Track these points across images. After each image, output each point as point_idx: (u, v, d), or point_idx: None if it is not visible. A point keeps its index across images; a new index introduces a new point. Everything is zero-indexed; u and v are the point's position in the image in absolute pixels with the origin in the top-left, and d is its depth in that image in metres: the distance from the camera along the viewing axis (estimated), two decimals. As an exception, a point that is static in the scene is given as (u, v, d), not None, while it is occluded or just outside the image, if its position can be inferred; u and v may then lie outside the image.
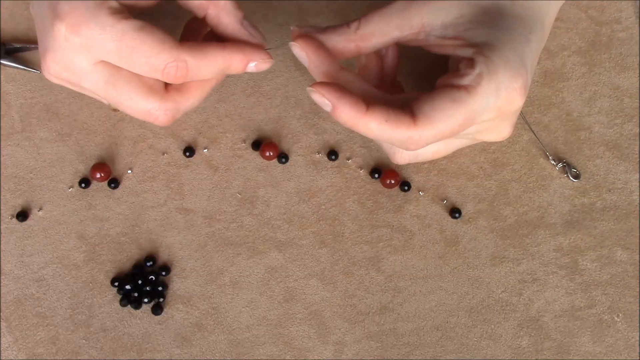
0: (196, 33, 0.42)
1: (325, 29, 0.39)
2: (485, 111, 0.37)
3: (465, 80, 0.36)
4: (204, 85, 0.40)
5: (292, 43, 0.38)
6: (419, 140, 0.36)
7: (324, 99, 0.36)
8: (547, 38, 0.42)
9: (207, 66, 0.38)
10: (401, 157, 0.41)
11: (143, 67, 0.37)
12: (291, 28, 0.39)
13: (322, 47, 0.38)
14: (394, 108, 0.36)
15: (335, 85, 0.36)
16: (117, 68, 0.37)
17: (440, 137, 0.37)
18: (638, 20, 0.50)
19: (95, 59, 0.37)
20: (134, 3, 0.38)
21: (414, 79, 0.49)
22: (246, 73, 0.47)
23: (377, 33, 0.39)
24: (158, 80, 0.38)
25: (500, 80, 0.36)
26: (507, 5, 0.39)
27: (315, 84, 0.36)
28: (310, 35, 0.39)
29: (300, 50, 0.38)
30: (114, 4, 0.36)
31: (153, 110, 0.39)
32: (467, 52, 0.37)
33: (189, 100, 0.40)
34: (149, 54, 0.36)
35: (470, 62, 0.37)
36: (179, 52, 0.36)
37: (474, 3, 0.38)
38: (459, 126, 0.36)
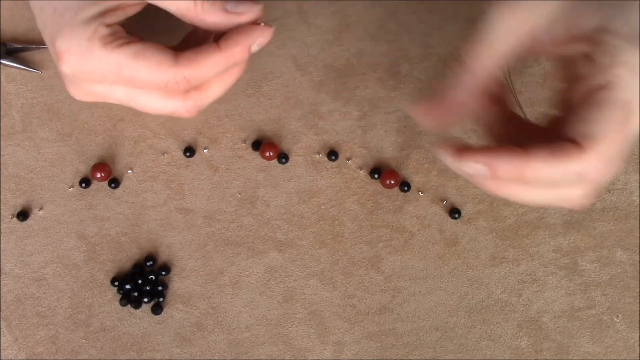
0: (202, 36, 0.41)
1: (442, 91, 0.35)
2: (634, 101, 0.32)
3: (597, 80, 0.32)
4: (224, 79, 0.40)
5: (457, 162, 0.33)
6: (597, 166, 0.32)
7: (477, 165, 0.32)
8: None
9: (209, 71, 0.37)
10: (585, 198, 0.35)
11: (147, 88, 0.37)
12: (440, 154, 0.34)
13: (462, 150, 0.33)
14: (549, 141, 0.32)
15: (480, 146, 0.32)
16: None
17: (615, 152, 0.32)
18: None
19: (108, 83, 0.38)
20: (122, 17, 0.38)
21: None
22: (246, 73, 0.48)
23: (487, 60, 0.35)
24: None
25: (630, 59, 0.32)
26: None
27: (456, 152, 0.32)
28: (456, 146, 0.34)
29: (473, 164, 0.33)
30: (104, 31, 0.36)
31: (177, 109, 0.39)
32: (580, 48, 0.33)
33: (210, 95, 0.40)
34: (148, 78, 0.36)
35: (589, 59, 0.33)
36: (175, 69, 0.36)
37: None
38: (625, 128, 0.32)
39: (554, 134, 0.33)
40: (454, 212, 0.47)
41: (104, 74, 0.36)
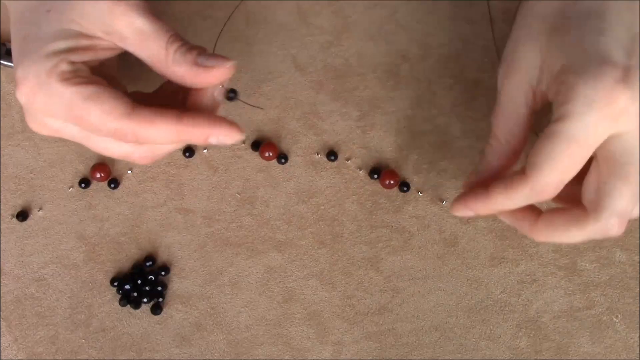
0: (174, 92, 0.39)
1: (481, 170, 0.40)
2: (592, 129, 0.34)
3: (554, 116, 0.35)
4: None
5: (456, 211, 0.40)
6: (540, 191, 0.36)
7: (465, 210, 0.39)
8: None
9: (158, 137, 0.35)
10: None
11: (95, 132, 0.35)
12: (454, 208, 0.40)
13: (474, 194, 0.39)
14: (511, 175, 0.37)
15: (464, 195, 0.39)
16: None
17: (560, 178, 0.35)
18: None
19: (61, 119, 0.36)
20: (91, 58, 0.36)
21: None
22: (245, 74, 0.48)
23: (513, 124, 0.39)
24: None
25: (582, 92, 0.34)
26: (569, 8, 0.37)
27: (455, 204, 0.40)
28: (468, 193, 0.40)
29: (466, 210, 0.40)
30: (65, 67, 0.34)
31: (130, 154, 0.37)
32: (553, 89, 0.36)
33: (164, 148, 0.38)
34: (97, 122, 0.35)
35: (554, 98, 0.36)
36: (126, 122, 0.34)
37: (548, 35, 0.37)
38: (574, 155, 0.34)
39: None
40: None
41: (55, 110, 0.35)
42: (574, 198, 0.37)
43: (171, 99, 0.39)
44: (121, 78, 0.39)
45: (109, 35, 0.36)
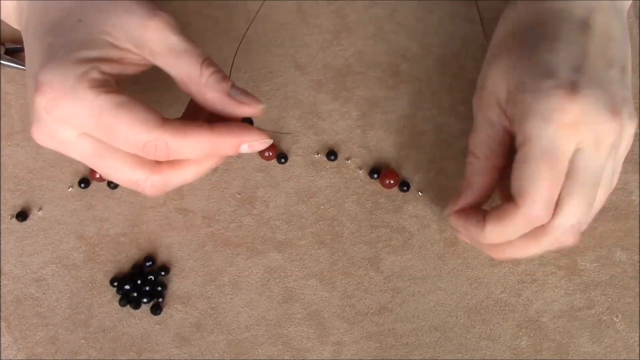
0: (198, 110, 0.38)
1: (463, 195, 0.41)
2: (557, 141, 0.35)
3: (519, 139, 0.36)
4: (202, 163, 0.38)
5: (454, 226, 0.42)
6: (536, 216, 0.36)
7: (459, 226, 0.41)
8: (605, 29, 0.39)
9: (191, 149, 0.35)
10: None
11: (122, 144, 0.34)
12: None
13: (465, 213, 0.41)
14: (502, 205, 0.37)
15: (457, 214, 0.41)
16: (102, 140, 0.35)
17: (548, 196, 0.36)
18: (637, 20, 0.50)
19: (79, 131, 0.35)
20: (119, 71, 0.36)
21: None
22: (244, 73, 0.48)
23: (491, 143, 0.40)
24: None
25: (535, 108, 0.35)
26: (527, 31, 0.39)
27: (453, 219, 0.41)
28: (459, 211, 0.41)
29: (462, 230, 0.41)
30: (96, 75, 0.34)
31: (140, 182, 0.36)
32: (510, 110, 0.38)
33: (181, 176, 0.37)
34: (127, 133, 0.34)
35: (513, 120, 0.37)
36: (159, 132, 0.34)
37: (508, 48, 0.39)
38: (550, 173, 0.35)
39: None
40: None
41: (81, 117, 0.33)
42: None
43: (195, 117, 0.38)
44: None
45: (139, 48, 0.35)
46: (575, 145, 0.35)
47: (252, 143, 0.36)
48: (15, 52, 0.48)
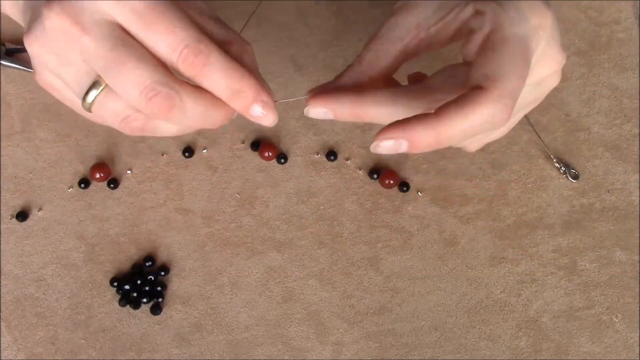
0: None
1: (337, 78, 0.37)
2: (529, 37, 0.34)
3: (487, 28, 0.34)
4: (213, 107, 0.36)
5: (308, 108, 0.37)
6: (505, 105, 0.32)
7: (391, 144, 0.35)
8: None
9: (225, 72, 0.33)
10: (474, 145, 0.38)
11: (159, 42, 0.32)
12: (305, 98, 0.37)
13: (337, 93, 0.36)
14: (465, 93, 0.33)
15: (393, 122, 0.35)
16: (130, 32, 0.32)
17: (519, 85, 0.33)
18: (637, 20, 0.50)
19: (109, 18, 0.32)
20: None
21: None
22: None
23: (382, 54, 0.37)
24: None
25: (514, 2, 0.34)
26: None
27: (379, 134, 0.35)
28: (322, 90, 0.37)
29: (320, 107, 0.36)
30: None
31: (153, 86, 0.32)
32: (468, 11, 0.35)
33: (191, 108, 0.34)
34: (171, 26, 0.32)
35: (479, 14, 0.35)
36: (207, 43, 0.32)
37: None
38: (523, 61, 0.33)
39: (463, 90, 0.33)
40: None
41: (100, 11, 0.31)
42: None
43: None
44: None
45: None
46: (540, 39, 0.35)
47: (264, 104, 0.36)
48: (15, 52, 0.48)
